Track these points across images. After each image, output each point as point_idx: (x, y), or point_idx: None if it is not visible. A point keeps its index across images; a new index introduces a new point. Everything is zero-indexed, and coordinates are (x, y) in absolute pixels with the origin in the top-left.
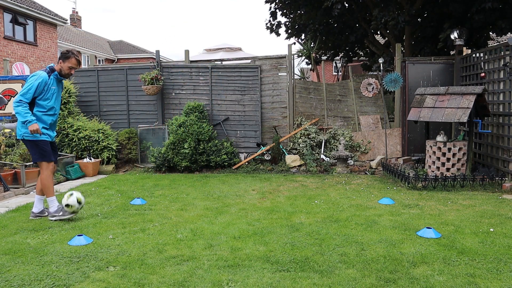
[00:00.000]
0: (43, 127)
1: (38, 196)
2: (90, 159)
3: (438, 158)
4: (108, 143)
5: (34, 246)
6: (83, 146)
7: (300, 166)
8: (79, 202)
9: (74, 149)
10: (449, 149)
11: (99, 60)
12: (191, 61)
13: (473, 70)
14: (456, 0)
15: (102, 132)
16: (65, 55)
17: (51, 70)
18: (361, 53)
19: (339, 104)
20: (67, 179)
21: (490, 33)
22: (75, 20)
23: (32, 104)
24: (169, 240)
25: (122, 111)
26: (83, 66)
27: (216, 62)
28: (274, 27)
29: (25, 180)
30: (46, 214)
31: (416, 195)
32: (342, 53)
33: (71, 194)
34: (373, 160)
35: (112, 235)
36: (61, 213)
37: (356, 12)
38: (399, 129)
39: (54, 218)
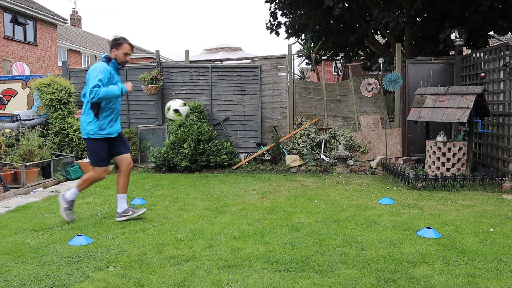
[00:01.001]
0: (106, 122)
1: (120, 195)
2: None
3: (438, 158)
4: None
5: (34, 246)
6: (83, 146)
7: (300, 166)
8: (184, 104)
9: (74, 149)
10: (449, 149)
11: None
12: (191, 61)
13: (473, 70)
14: (456, 0)
15: None
16: (117, 42)
17: (107, 59)
18: (361, 53)
19: (339, 104)
20: (67, 179)
21: (491, 32)
22: (75, 20)
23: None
24: (169, 240)
25: (122, 111)
26: (82, 66)
27: (216, 62)
28: (274, 27)
29: (25, 180)
30: (131, 213)
31: (416, 195)
32: (342, 53)
33: (168, 109)
34: (373, 160)
35: (112, 235)
36: (66, 205)
37: (356, 12)
38: (399, 129)
39: (63, 204)
